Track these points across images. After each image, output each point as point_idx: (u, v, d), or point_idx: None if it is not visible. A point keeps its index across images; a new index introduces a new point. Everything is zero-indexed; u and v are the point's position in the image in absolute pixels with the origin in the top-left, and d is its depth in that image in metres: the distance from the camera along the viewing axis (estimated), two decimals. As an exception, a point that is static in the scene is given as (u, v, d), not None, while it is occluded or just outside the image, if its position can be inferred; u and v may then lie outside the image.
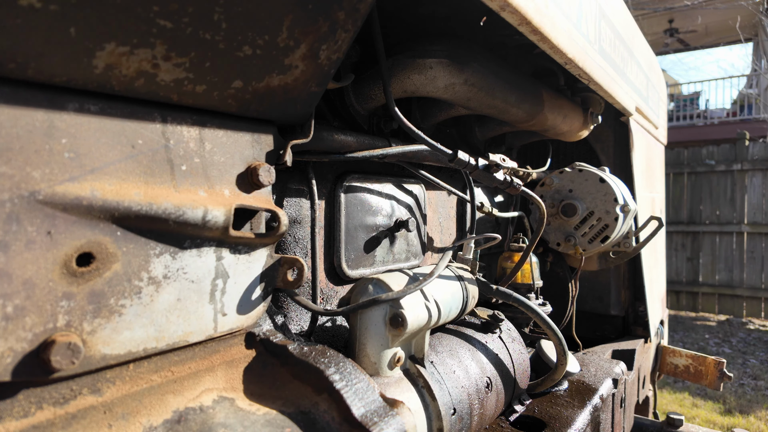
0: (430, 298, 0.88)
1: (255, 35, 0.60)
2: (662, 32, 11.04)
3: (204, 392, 0.65)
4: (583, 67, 1.21)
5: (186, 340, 0.65)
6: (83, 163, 0.54)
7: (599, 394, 1.19)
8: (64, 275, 0.52)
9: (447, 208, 1.50)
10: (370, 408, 0.68)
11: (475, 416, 0.91)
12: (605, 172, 1.75)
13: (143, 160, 0.59)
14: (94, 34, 0.49)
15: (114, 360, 0.58)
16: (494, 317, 1.10)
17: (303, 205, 0.95)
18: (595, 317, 2.09)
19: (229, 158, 0.70)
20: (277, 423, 0.62)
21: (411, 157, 1.15)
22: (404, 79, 1.05)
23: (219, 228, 0.65)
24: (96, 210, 0.54)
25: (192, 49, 0.57)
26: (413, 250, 1.26)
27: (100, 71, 0.52)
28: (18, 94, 0.49)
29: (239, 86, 0.65)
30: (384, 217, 1.15)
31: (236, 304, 0.71)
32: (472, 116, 1.57)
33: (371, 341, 0.82)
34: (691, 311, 7.30)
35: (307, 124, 0.81)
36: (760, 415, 3.72)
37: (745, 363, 4.95)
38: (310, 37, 0.66)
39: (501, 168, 1.03)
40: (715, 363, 2.05)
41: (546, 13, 0.97)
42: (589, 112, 1.65)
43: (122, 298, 0.58)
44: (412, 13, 1.13)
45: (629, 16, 1.68)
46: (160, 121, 0.61)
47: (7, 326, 0.48)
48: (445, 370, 0.90)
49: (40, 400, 0.53)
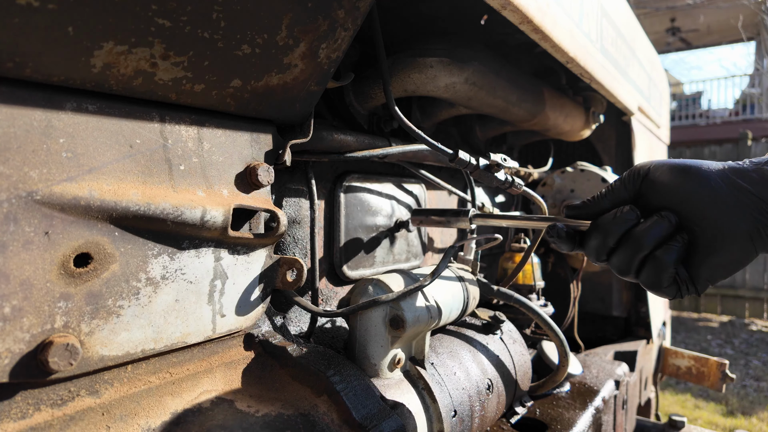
0: (431, 299, 0.87)
1: (254, 34, 0.60)
2: (664, 31, 11.01)
3: (202, 394, 0.65)
4: (584, 66, 1.21)
5: (184, 341, 0.65)
6: (81, 163, 0.53)
7: (601, 395, 1.18)
8: (62, 276, 0.52)
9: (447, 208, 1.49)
10: (370, 410, 0.68)
11: (476, 418, 0.90)
12: (607, 171, 1.74)
13: (141, 159, 0.59)
14: (92, 33, 0.48)
15: (112, 361, 0.57)
16: (495, 318, 1.09)
17: (302, 205, 0.95)
18: (597, 318, 2.08)
19: (227, 158, 0.69)
20: (276, 425, 0.62)
21: (411, 157, 1.15)
22: (404, 78, 1.04)
23: (217, 228, 0.65)
24: (94, 210, 0.53)
25: (190, 48, 0.56)
26: (413, 250, 1.25)
27: (98, 70, 0.52)
28: (16, 93, 0.49)
29: (238, 85, 0.65)
30: (384, 218, 1.14)
31: (235, 305, 0.71)
32: (473, 116, 1.56)
33: (371, 342, 0.81)
34: (694, 312, 7.28)
35: (307, 124, 0.80)
36: (762, 417, 3.71)
37: (747, 364, 4.93)
38: (310, 36, 0.65)
39: (502, 168, 1.02)
40: (718, 364, 2.04)
41: (547, 11, 0.97)
42: (590, 112, 1.64)
43: (120, 299, 0.57)
44: (412, 11, 1.12)
45: (631, 14, 1.67)
46: (159, 120, 0.61)
47: (5, 327, 0.48)
48: (446, 371, 0.89)
49: (37, 402, 0.53)
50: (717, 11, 9.85)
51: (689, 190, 0.57)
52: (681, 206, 0.57)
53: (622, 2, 1.56)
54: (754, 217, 0.53)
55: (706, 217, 0.55)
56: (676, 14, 10.27)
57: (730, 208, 0.54)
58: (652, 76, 2.04)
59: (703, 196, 0.55)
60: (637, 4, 9.24)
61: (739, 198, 0.54)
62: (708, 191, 0.55)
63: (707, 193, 0.55)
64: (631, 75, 1.68)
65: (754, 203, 0.53)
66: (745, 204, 0.53)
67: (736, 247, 0.54)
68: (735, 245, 0.54)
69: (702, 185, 0.56)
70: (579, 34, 1.16)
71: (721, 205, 0.54)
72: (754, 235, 0.53)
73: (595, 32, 1.29)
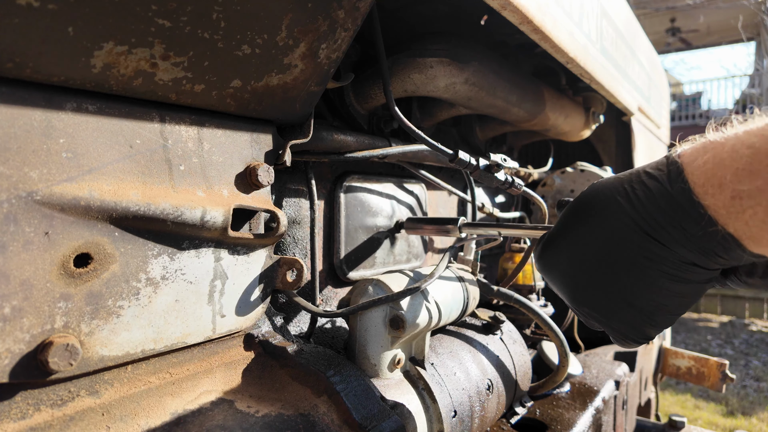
0: (431, 299, 0.87)
1: (254, 34, 0.60)
2: (664, 31, 11.01)
3: (202, 394, 0.65)
4: (584, 67, 1.21)
5: (184, 341, 0.65)
6: (81, 163, 0.53)
7: (601, 396, 1.18)
8: (62, 276, 0.52)
9: (447, 208, 1.49)
10: (370, 410, 0.68)
11: (476, 418, 0.90)
12: (607, 172, 1.74)
13: (141, 160, 0.59)
14: (92, 33, 0.48)
15: (112, 361, 0.57)
16: (495, 319, 1.09)
17: (302, 205, 0.95)
18: (597, 318, 2.07)
19: (227, 158, 0.69)
20: (276, 425, 0.62)
21: (411, 157, 1.15)
22: (404, 78, 1.04)
23: (217, 228, 0.65)
24: (94, 210, 0.53)
25: (191, 48, 0.56)
26: (414, 251, 1.25)
27: (98, 71, 0.52)
28: (16, 93, 0.49)
29: (238, 86, 0.65)
30: (385, 218, 1.14)
31: (235, 306, 0.71)
32: (472, 116, 1.56)
33: (371, 343, 0.81)
34: (694, 312, 7.28)
35: (307, 124, 0.80)
36: (762, 417, 3.71)
37: (747, 364, 4.93)
38: (310, 36, 0.65)
39: (502, 168, 1.02)
40: (718, 365, 2.04)
41: (547, 11, 0.97)
42: (590, 112, 1.64)
43: (120, 300, 0.57)
44: (412, 11, 1.12)
45: (631, 14, 1.67)
46: (159, 120, 0.61)
47: (5, 327, 0.48)
48: (446, 371, 0.89)
49: (37, 402, 0.53)
50: (717, 11, 9.85)
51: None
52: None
53: (622, 2, 1.56)
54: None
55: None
56: (676, 14, 10.27)
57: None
58: (652, 76, 2.04)
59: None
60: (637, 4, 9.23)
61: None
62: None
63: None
64: (631, 75, 1.68)
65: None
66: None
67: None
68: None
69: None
70: (579, 35, 1.16)
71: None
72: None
73: (595, 32, 1.29)
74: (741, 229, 0.41)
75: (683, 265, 0.46)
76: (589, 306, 0.52)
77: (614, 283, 0.49)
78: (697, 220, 0.43)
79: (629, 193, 0.47)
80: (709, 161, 0.43)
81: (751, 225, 0.40)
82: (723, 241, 0.42)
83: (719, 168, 0.41)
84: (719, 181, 0.41)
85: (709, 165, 0.42)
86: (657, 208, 0.45)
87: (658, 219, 0.45)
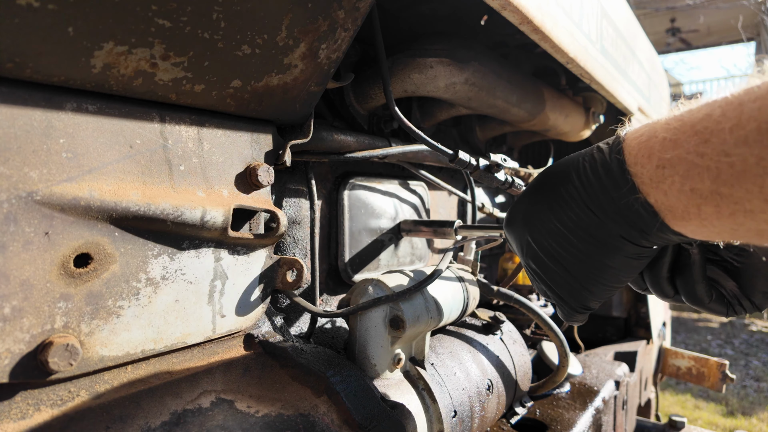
0: (431, 299, 0.87)
1: (254, 34, 0.60)
2: (664, 31, 11.00)
3: (202, 394, 0.65)
4: (584, 67, 1.21)
5: (184, 341, 0.65)
6: (81, 163, 0.53)
7: (601, 396, 1.18)
8: (62, 276, 0.52)
9: (447, 208, 1.49)
10: (370, 410, 0.68)
11: (476, 419, 0.90)
12: (607, 172, 1.73)
13: (141, 160, 0.59)
14: (92, 33, 0.48)
15: (112, 362, 0.57)
16: (495, 319, 1.09)
17: (302, 205, 0.95)
18: (597, 318, 2.08)
19: (227, 158, 0.69)
20: (276, 425, 0.62)
21: (411, 158, 1.15)
22: (404, 78, 1.04)
23: (217, 229, 0.65)
24: (94, 210, 0.53)
25: (191, 49, 0.56)
26: (417, 253, 1.25)
27: (98, 71, 0.52)
28: (16, 93, 0.49)
29: (238, 86, 0.65)
30: (388, 220, 1.14)
31: (235, 306, 0.71)
32: (472, 116, 1.56)
33: (371, 343, 0.81)
34: (694, 312, 7.28)
35: (307, 124, 0.80)
36: (762, 417, 3.71)
37: (747, 365, 4.93)
38: (310, 36, 0.65)
39: (502, 168, 1.02)
40: (718, 365, 2.03)
41: (547, 11, 0.96)
42: (590, 112, 1.64)
43: (120, 300, 0.57)
44: (412, 12, 1.12)
45: (631, 15, 1.67)
46: (159, 120, 0.61)
47: (5, 327, 0.48)
48: (446, 372, 0.89)
49: (37, 402, 0.53)
50: (717, 12, 9.85)
51: None
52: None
53: (622, 2, 1.56)
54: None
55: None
56: (676, 15, 10.27)
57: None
58: (652, 76, 2.04)
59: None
60: (637, 5, 9.23)
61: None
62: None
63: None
64: (631, 75, 1.68)
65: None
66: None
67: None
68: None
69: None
70: (579, 35, 1.16)
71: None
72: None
73: (595, 33, 1.29)
74: (660, 199, 0.42)
75: (612, 237, 0.47)
76: (535, 273, 0.54)
77: (556, 251, 0.51)
78: (626, 191, 0.44)
79: (579, 166, 0.49)
80: (645, 134, 0.44)
81: (669, 195, 0.40)
82: (645, 213, 0.43)
83: (651, 139, 0.42)
84: (649, 152, 0.42)
85: (644, 137, 0.44)
86: (597, 178, 0.46)
87: (595, 189, 0.47)
